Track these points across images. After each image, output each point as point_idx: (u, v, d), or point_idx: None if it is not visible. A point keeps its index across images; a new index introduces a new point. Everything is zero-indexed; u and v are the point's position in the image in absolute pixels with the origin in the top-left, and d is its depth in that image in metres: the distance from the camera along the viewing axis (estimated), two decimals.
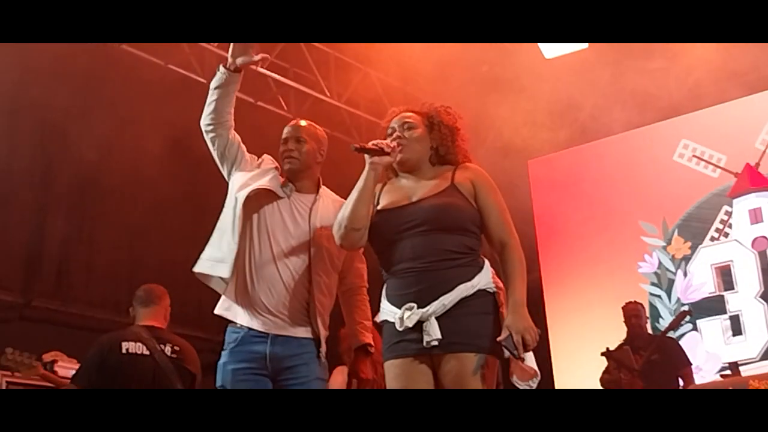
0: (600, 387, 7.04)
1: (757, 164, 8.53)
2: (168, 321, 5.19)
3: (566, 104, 8.79)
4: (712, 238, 8.71)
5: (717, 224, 8.70)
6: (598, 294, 8.91)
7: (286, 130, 3.93)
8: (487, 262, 3.38)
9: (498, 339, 3.21)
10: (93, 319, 7.46)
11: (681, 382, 6.91)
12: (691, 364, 7.05)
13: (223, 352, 3.77)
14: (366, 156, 3.40)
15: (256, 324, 3.71)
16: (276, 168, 3.89)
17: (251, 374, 3.69)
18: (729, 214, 8.65)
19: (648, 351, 6.85)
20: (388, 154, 3.39)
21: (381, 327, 3.43)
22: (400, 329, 3.26)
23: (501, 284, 3.38)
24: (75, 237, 7.72)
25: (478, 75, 8.44)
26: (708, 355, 8.34)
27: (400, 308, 3.27)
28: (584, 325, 8.89)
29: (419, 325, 3.23)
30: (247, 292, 3.72)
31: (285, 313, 3.71)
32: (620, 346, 7.07)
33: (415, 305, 3.24)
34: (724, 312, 8.47)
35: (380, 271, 3.45)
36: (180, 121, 7.13)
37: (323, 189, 3.93)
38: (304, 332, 3.73)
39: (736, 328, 8.37)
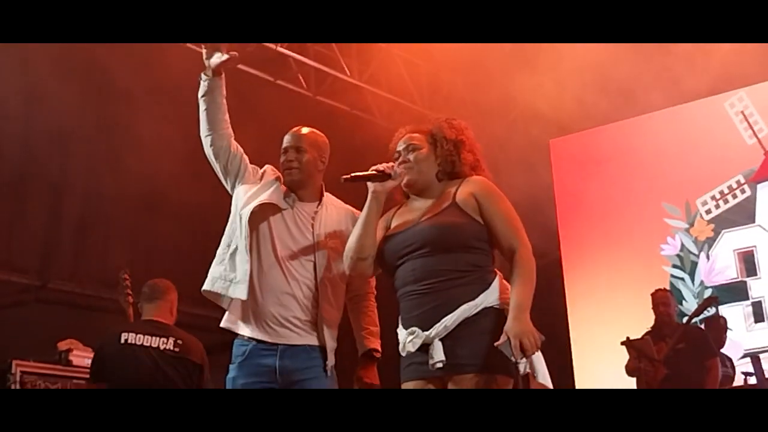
0: (624, 374, 6.98)
1: None
2: (175, 316, 5.22)
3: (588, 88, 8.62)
4: (713, 198, 8.63)
5: (724, 188, 8.61)
6: (620, 276, 8.84)
7: (286, 138, 3.87)
8: (497, 278, 3.32)
9: (495, 344, 3.14)
10: (109, 301, 7.36)
11: (706, 372, 6.83)
12: (717, 354, 6.97)
13: (231, 366, 3.75)
14: (368, 184, 3.38)
15: (264, 336, 3.68)
16: (278, 179, 3.84)
17: (261, 389, 3.66)
18: (740, 184, 8.54)
19: (674, 339, 6.80)
20: (389, 176, 3.37)
21: None
22: (404, 354, 3.27)
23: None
24: (91, 218, 7.63)
25: (503, 51, 8.28)
26: (730, 342, 8.24)
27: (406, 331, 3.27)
28: (605, 306, 8.82)
29: (426, 348, 3.19)
30: (256, 305, 3.69)
31: (294, 324, 3.68)
32: (643, 336, 7.01)
33: (418, 329, 3.22)
34: (747, 298, 8.38)
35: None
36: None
37: (326, 196, 3.89)
38: (312, 341, 3.70)
39: (759, 314, 8.28)
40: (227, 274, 3.72)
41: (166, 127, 7.00)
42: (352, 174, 3.37)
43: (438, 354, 3.15)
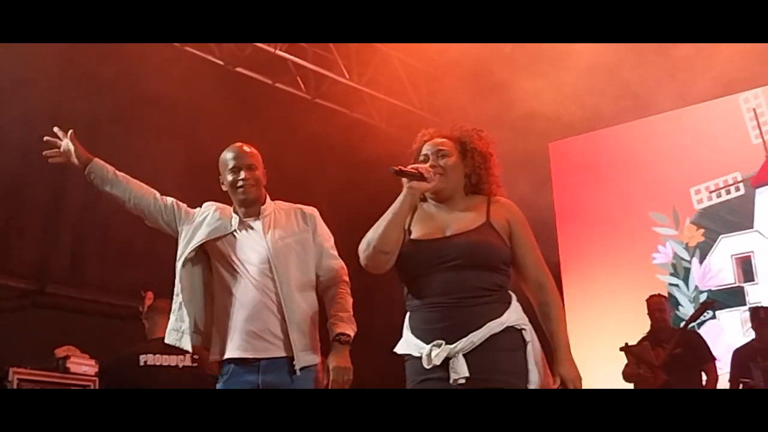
0: (622, 381, 6.97)
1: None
2: None
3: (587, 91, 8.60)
4: (708, 189, 8.65)
5: (719, 181, 8.63)
6: (617, 281, 8.86)
7: (228, 156, 3.90)
8: (514, 298, 3.29)
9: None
10: (107, 305, 7.39)
11: (704, 376, 6.83)
12: (714, 358, 6.97)
13: (217, 386, 3.81)
14: (404, 180, 3.28)
15: (243, 353, 3.72)
16: (216, 209, 3.92)
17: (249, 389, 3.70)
18: (735, 181, 8.55)
19: (671, 344, 6.81)
20: (425, 179, 3.29)
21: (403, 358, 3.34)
22: (428, 367, 3.16)
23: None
24: (89, 222, 7.60)
25: (502, 53, 8.27)
26: (728, 348, 8.23)
27: (427, 343, 3.19)
28: (603, 311, 8.81)
29: (445, 363, 3.14)
30: (230, 325, 3.75)
31: (271, 335, 3.73)
32: (641, 341, 7.02)
33: (443, 342, 3.14)
34: (744, 303, 8.38)
35: (403, 301, 3.36)
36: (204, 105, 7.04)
37: (269, 203, 3.94)
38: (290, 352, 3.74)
39: None
40: (178, 324, 3.84)
41: (164, 135, 7.01)
42: (401, 167, 3.27)
43: (462, 370, 3.10)
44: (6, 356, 5.99)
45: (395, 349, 3.35)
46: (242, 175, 3.83)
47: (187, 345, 3.79)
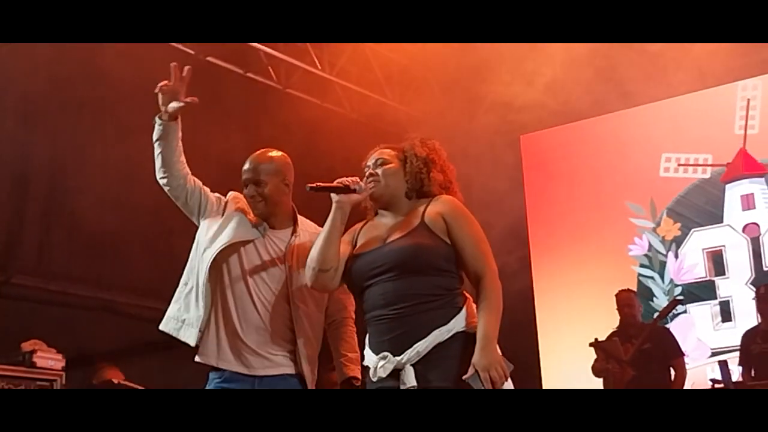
0: (591, 375, 6.99)
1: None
2: None
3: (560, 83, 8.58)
4: (678, 160, 8.72)
5: (691, 157, 8.70)
6: (588, 274, 8.84)
7: (245, 168, 3.75)
8: (468, 301, 3.27)
9: (463, 377, 3.10)
10: (74, 296, 7.29)
11: (672, 372, 6.86)
12: (683, 354, 7.03)
13: (208, 385, 3.70)
14: (332, 195, 3.31)
15: (239, 368, 3.63)
16: (241, 210, 3.76)
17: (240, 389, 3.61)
18: (705, 162, 8.62)
19: (639, 340, 6.84)
20: (353, 191, 3.30)
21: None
22: (374, 379, 3.20)
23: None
24: (56, 211, 7.50)
25: (475, 45, 8.22)
26: (698, 342, 8.29)
27: (377, 355, 3.20)
28: (573, 305, 8.82)
29: (396, 373, 3.14)
30: (234, 337, 3.63)
31: (271, 354, 3.64)
32: (610, 337, 7.04)
33: (389, 354, 3.16)
34: (714, 297, 8.43)
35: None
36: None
37: (301, 222, 3.80)
38: (289, 370, 3.66)
39: (726, 314, 8.33)
40: (180, 314, 3.69)
41: (135, 119, 6.90)
42: (318, 184, 3.29)
43: (410, 379, 3.11)
44: None
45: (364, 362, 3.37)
46: (249, 191, 3.72)
47: (187, 338, 3.64)
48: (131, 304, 7.77)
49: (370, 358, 3.26)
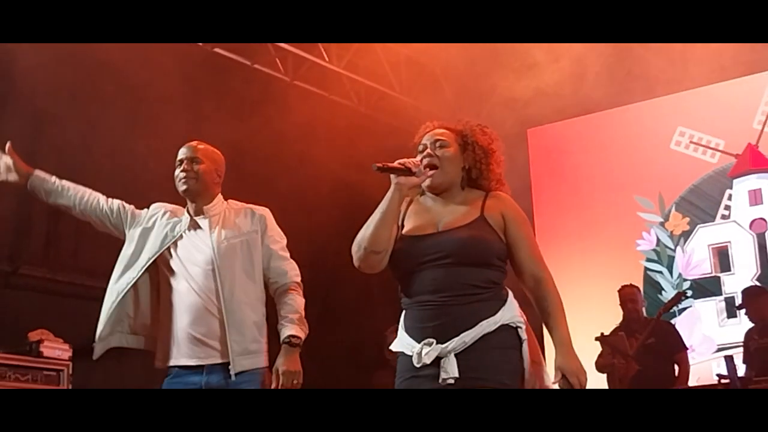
0: (595, 370, 6.99)
1: (756, 144, 8.44)
2: None
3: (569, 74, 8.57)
4: (691, 137, 8.72)
5: (704, 138, 8.71)
6: (596, 269, 8.82)
7: (181, 151, 3.89)
8: (510, 295, 3.23)
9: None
10: (81, 287, 7.28)
11: (677, 366, 6.87)
12: (686, 348, 7.04)
13: (162, 385, 3.80)
14: (391, 176, 3.21)
15: (186, 360, 3.71)
16: (165, 211, 3.89)
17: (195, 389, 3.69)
18: (717, 147, 8.64)
19: (643, 335, 6.85)
20: (413, 173, 3.21)
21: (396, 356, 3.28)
22: (418, 365, 3.11)
23: (524, 317, 3.23)
24: None
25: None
26: (704, 337, 8.29)
27: (418, 342, 3.13)
28: (580, 299, 8.77)
29: (436, 361, 3.08)
30: (173, 330, 3.73)
31: (213, 340, 3.69)
32: (615, 331, 7.05)
33: (434, 341, 3.09)
34: (720, 293, 8.42)
35: (399, 298, 3.30)
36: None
37: (220, 201, 3.88)
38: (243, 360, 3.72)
39: (731, 310, 8.30)
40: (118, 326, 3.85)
41: (143, 111, 6.94)
42: (385, 163, 3.18)
43: (452, 370, 3.05)
44: None
45: (390, 347, 3.31)
46: (185, 166, 3.81)
47: (132, 343, 3.80)
48: None
49: (407, 342, 3.19)
